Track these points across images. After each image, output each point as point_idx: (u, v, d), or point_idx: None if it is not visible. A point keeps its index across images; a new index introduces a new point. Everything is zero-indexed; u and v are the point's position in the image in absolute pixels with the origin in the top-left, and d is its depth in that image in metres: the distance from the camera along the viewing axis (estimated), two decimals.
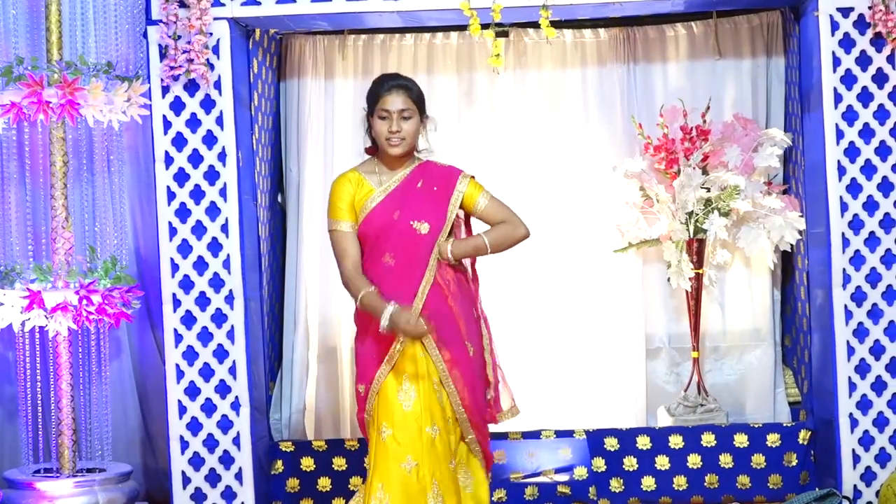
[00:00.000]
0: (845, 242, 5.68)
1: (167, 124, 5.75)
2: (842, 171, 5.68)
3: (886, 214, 5.68)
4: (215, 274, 5.75)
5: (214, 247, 5.76)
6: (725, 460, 6.02)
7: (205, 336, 5.76)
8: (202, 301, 5.76)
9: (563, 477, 6.02)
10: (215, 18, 5.66)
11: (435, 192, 4.79)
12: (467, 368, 4.77)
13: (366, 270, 4.76)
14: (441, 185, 4.81)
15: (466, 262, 4.95)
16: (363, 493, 4.74)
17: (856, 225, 5.68)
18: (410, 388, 4.70)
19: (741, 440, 6.02)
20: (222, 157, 5.74)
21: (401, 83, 4.79)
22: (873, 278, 5.68)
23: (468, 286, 4.90)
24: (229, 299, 5.75)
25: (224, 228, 5.75)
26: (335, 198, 4.81)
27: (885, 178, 5.68)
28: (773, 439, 6.02)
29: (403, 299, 4.65)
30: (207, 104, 5.73)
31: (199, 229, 5.76)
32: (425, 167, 4.84)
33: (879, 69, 5.66)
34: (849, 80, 5.67)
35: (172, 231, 5.76)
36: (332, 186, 4.84)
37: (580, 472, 6.02)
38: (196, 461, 5.77)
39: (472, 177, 4.88)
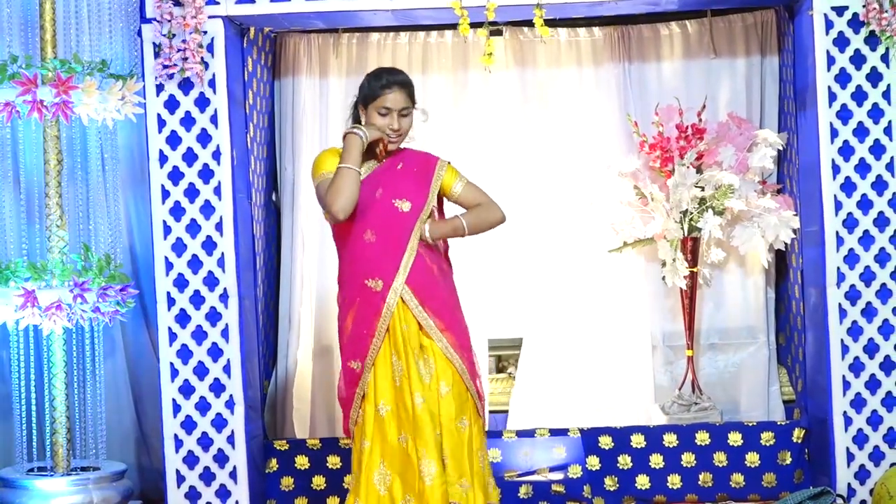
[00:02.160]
0: (839, 241, 5.68)
1: (161, 123, 5.74)
2: (836, 169, 5.68)
3: (880, 213, 5.68)
4: (209, 272, 5.75)
5: (209, 245, 5.75)
6: (719, 459, 6.02)
7: (199, 335, 5.75)
8: (196, 300, 5.76)
9: (558, 475, 6.02)
10: (210, 17, 5.65)
11: (415, 174, 4.85)
12: (460, 333, 4.84)
13: (347, 248, 4.82)
14: (420, 168, 4.87)
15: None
16: (358, 476, 4.77)
17: (850, 224, 5.69)
18: (398, 363, 4.75)
19: (735, 438, 6.03)
20: (217, 155, 5.73)
21: (401, 80, 4.84)
22: (867, 277, 5.69)
23: (449, 272, 4.96)
24: (224, 298, 5.75)
25: (218, 227, 5.74)
26: (321, 162, 4.84)
27: (878, 176, 5.68)
28: (767, 438, 6.02)
29: (385, 275, 4.73)
30: (202, 102, 5.72)
31: (193, 228, 5.76)
32: (403, 153, 4.91)
33: (874, 68, 5.66)
34: (843, 78, 5.67)
35: (167, 229, 5.76)
36: (319, 156, 4.89)
37: (574, 471, 6.02)
38: (190, 460, 5.77)
39: (449, 162, 4.93)
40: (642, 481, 6.03)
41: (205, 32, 5.65)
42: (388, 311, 4.73)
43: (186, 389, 5.76)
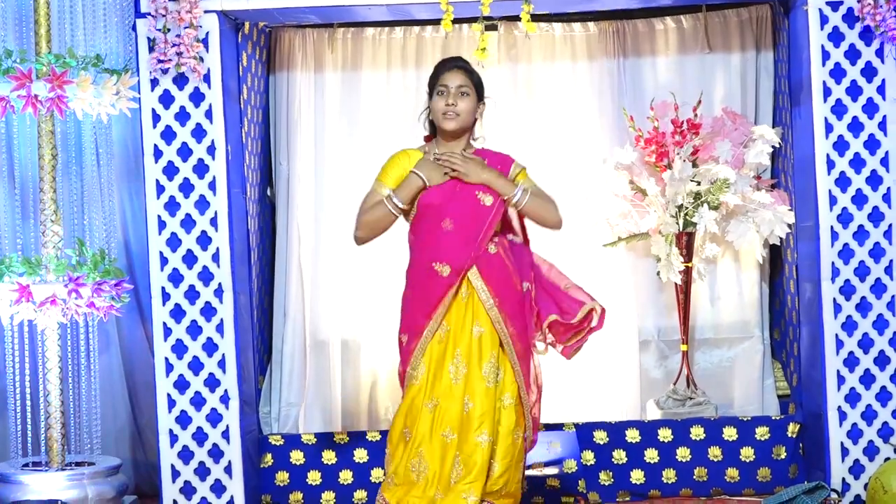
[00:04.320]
0: (834, 236, 5.69)
1: (156, 117, 5.74)
2: (831, 164, 5.69)
3: (875, 208, 5.69)
4: (204, 267, 5.75)
5: (203, 240, 5.75)
6: (714, 453, 6.03)
7: (194, 329, 5.75)
8: (191, 294, 5.75)
9: (553, 470, 6.02)
10: (205, 11, 5.64)
11: (497, 171, 4.92)
12: (525, 342, 4.88)
13: (424, 233, 4.86)
14: (499, 166, 4.94)
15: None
16: (394, 455, 4.83)
17: (844, 218, 5.69)
18: (463, 362, 4.78)
19: (730, 433, 6.03)
20: (211, 150, 5.73)
21: (461, 64, 4.94)
22: (862, 272, 5.69)
23: (522, 254, 5.02)
24: (218, 293, 5.74)
25: (213, 222, 5.74)
26: (389, 165, 4.94)
27: (873, 171, 5.69)
28: (761, 432, 6.03)
29: (459, 262, 4.78)
30: (196, 97, 5.72)
31: (188, 223, 5.75)
32: (486, 153, 4.98)
33: (868, 63, 5.67)
34: (838, 73, 5.67)
35: (161, 224, 5.75)
36: (392, 156, 4.96)
37: (569, 466, 6.02)
38: (185, 455, 5.77)
39: (524, 168, 5.02)
40: (637, 476, 6.04)
41: (199, 27, 5.64)
42: (450, 295, 4.78)
43: (181, 384, 5.76)
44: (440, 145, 4.93)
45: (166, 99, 5.73)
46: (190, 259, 5.75)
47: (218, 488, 5.76)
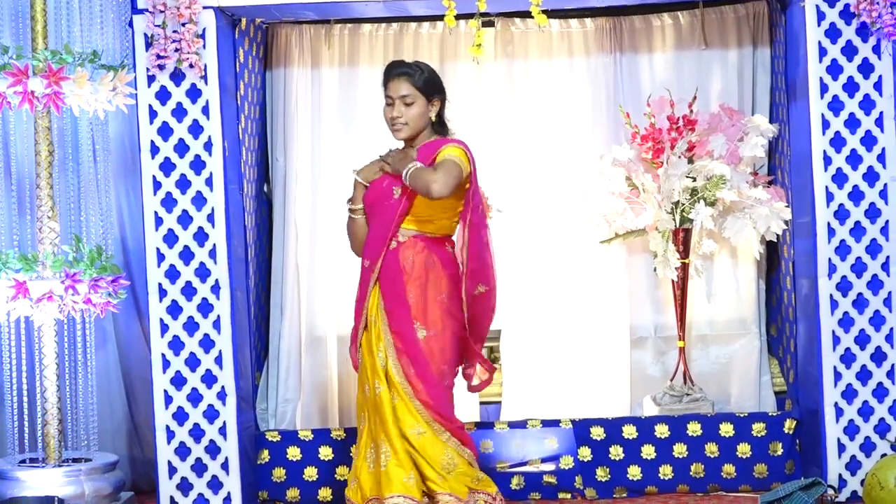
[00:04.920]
0: (831, 232, 5.69)
1: (153, 114, 5.73)
2: (827, 161, 5.69)
3: (871, 204, 5.69)
4: (201, 264, 5.74)
5: (200, 236, 5.75)
6: (711, 449, 6.03)
7: (191, 326, 5.75)
8: (188, 291, 5.75)
9: (550, 466, 6.03)
10: (202, 7, 5.63)
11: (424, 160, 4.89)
12: (411, 346, 4.86)
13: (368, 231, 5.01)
14: (430, 155, 4.87)
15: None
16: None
17: (841, 215, 5.70)
18: (380, 349, 4.90)
19: (727, 429, 6.04)
20: (208, 146, 5.73)
21: (403, 70, 4.94)
22: (858, 268, 5.70)
23: (442, 270, 4.93)
24: (215, 289, 5.74)
25: (210, 218, 5.74)
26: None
27: (870, 167, 5.69)
28: (758, 429, 6.03)
29: (371, 254, 4.93)
30: (193, 93, 5.71)
31: (185, 219, 5.75)
32: (431, 143, 4.94)
33: (865, 59, 5.67)
34: (834, 70, 5.68)
35: (158, 221, 5.75)
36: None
37: (566, 462, 6.03)
38: (182, 451, 5.77)
39: (461, 145, 4.88)
40: (634, 472, 6.04)
41: (198, 23, 5.64)
42: (370, 289, 4.92)
43: (178, 381, 5.76)
44: (405, 143, 4.98)
45: (163, 95, 5.72)
46: (187, 255, 5.75)
47: (215, 484, 5.76)
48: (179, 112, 5.72)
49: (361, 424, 4.96)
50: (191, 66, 5.60)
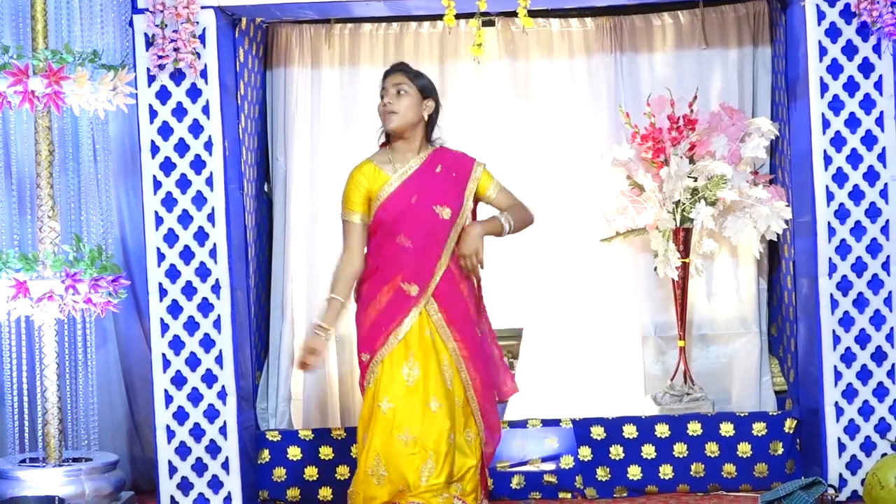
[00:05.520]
0: (831, 232, 5.69)
1: (153, 113, 5.73)
2: (828, 160, 5.69)
3: (872, 203, 5.69)
4: (202, 263, 5.75)
5: (201, 236, 5.75)
6: (711, 449, 6.03)
7: (191, 325, 5.75)
8: (188, 290, 5.75)
9: (550, 466, 6.03)
10: (202, 7, 5.64)
11: (454, 178, 4.92)
12: (477, 349, 4.92)
13: (378, 250, 4.88)
14: (458, 171, 4.93)
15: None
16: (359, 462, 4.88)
17: (841, 214, 5.70)
18: (415, 365, 4.81)
19: (727, 429, 6.03)
20: (208, 146, 5.73)
21: (401, 67, 4.99)
22: (859, 267, 5.70)
23: (471, 282, 5.01)
24: (216, 289, 5.74)
25: (210, 218, 5.74)
26: (349, 190, 4.94)
27: (870, 167, 5.69)
28: (758, 428, 6.03)
29: (420, 279, 4.81)
30: (193, 93, 5.71)
31: (185, 218, 5.75)
32: (441, 153, 4.97)
33: (865, 58, 5.67)
34: (835, 69, 5.68)
35: (158, 220, 5.75)
36: (348, 178, 4.96)
37: (566, 461, 6.03)
38: (182, 450, 5.77)
39: (485, 165, 5.01)
40: (634, 472, 6.04)
41: (196, 23, 5.64)
42: (415, 314, 4.83)
43: (178, 380, 5.76)
44: (393, 150, 4.95)
45: (163, 95, 5.72)
46: (187, 255, 5.75)
47: (215, 484, 5.76)
48: (180, 112, 5.72)
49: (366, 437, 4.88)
50: (189, 65, 5.60)
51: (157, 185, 5.74)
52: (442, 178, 4.89)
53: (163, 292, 5.75)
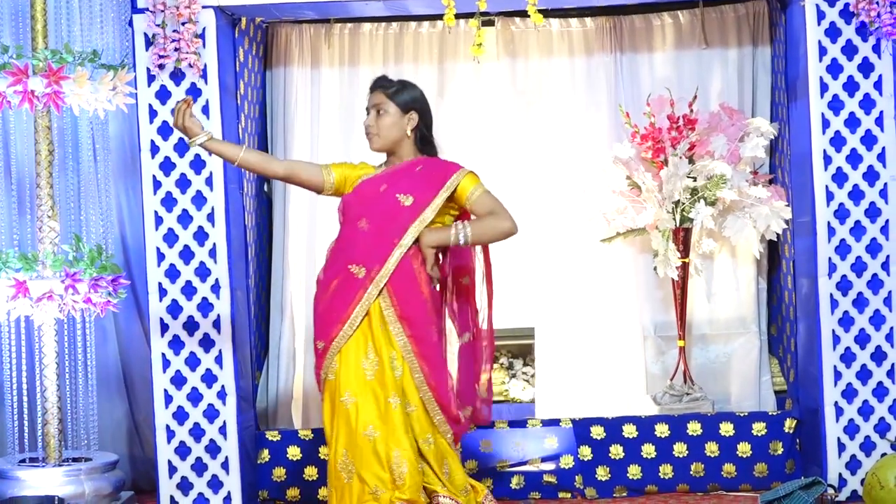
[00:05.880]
0: (831, 231, 5.69)
1: (153, 113, 5.74)
2: (827, 160, 5.69)
3: (871, 203, 5.69)
4: (201, 263, 5.75)
5: (200, 236, 5.75)
6: (711, 449, 6.03)
7: (191, 325, 5.75)
8: (188, 290, 5.75)
9: (550, 466, 6.03)
10: (202, 7, 5.64)
11: (430, 177, 4.79)
12: (431, 349, 4.78)
13: (341, 233, 4.81)
14: (438, 173, 4.80)
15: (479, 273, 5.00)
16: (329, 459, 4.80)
17: (841, 214, 5.70)
18: (374, 360, 4.73)
19: (727, 429, 6.03)
20: None
21: (380, 83, 4.90)
22: (859, 267, 5.70)
23: (439, 298, 4.90)
24: (215, 288, 5.74)
25: (210, 217, 5.74)
26: (341, 161, 4.99)
27: (870, 167, 5.69)
28: (758, 428, 6.03)
29: (368, 262, 4.69)
30: (193, 93, 5.71)
31: (185, 218, 5.75)
32: (428, 160, 4.86)
33: (865, 58, 5.67)
34: (835, 69, 5.68)
35: (158, 220, 5.75)
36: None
37: (566, 461, 6.03)
38: (182, 450, 5.77)
39: (473, 171, 4.83)
40: (634, 471, 6.04)
41: (197, 22, 5.64)
42: (366, 300, 4.70)
43: (178, 380, 5.76)
44: (387, 160, 4.91)
45: (163, 94, 5.73)
46: (187, 255, 5.75)
47: (215, 484, 5.76)
48: None
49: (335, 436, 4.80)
50: (191, 65, 5.60)
51: (157, 184, 5.74)
52: (416, 175, 4.79)
53: (162, 292, 5.75)
